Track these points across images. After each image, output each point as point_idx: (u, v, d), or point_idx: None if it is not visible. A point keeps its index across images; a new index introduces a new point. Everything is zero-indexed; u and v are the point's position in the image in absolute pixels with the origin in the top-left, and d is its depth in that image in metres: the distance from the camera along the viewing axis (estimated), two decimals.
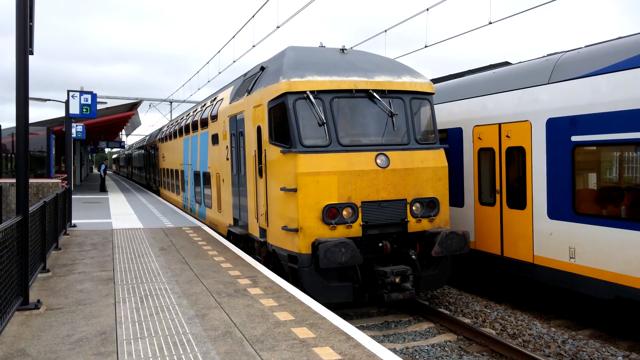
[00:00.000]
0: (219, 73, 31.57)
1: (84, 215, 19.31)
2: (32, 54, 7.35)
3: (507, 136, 11.26)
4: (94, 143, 61.71)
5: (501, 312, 11.03)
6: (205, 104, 18.80)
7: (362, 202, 9.91)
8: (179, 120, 24.45)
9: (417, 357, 8.81)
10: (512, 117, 11.12)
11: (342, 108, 10.32)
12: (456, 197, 12.71)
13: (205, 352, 5.76)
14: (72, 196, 18.26)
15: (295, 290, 8.46)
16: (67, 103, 16.90)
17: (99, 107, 26.96)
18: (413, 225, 10.32)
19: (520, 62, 12.16)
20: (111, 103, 37.79)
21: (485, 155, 11.98)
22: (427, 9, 17.25)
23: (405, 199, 10.24)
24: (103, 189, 34.62)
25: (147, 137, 42.91)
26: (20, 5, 7.11)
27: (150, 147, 36.30)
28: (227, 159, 14.29)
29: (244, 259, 11.02)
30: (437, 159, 10.69)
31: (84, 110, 16.87)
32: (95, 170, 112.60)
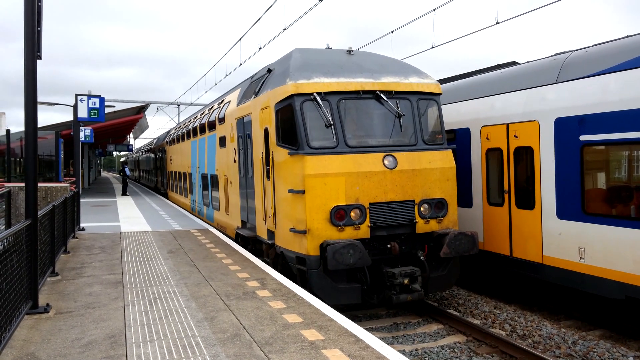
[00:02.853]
0: (226, 76, 31.64)
1: (92, 219, 19.38)
2: (40, 58, 7.39)
3: (515, 136, 11.21)
4: (102, 146, 61.98)
5: (511, 313, 10.97)
6: (212, 107, 18.84)
7: (370, 203, 9.89)
8: (187, 123, 24.51)
9: (426, 358, 8.78)
10: (520, 117, 11.07)
11: (349, 109, 10.30)
12: (464, 198, 12.66)
13: (215, 354, 5.76)
14: (81, 200, 18.34)
15: (304, 292, 8.45)
16: (75, 107, 16.99)
17: (107, 110, 27.07)
18: (421, 226, 10.29)
19: (527, 62, 12.11)
20: (119, 107, 37.96)
21: (493, 155, 11.94)
22: (434, 10, 17.22)
23: (413, 200, 10.21)
24: (125, 192, 34.35)
25: (155, 140, 43.06)
26: (28, 10, 7.15)
27: (158, 150, 36.41)
28: (235, 161, 14.31)
29: (252, 261, 11.02)
30: (444, 159, 10.65)
31: (92, 114, 16.96)
32: (103, 174, 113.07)
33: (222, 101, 17.00)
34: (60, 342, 6.22)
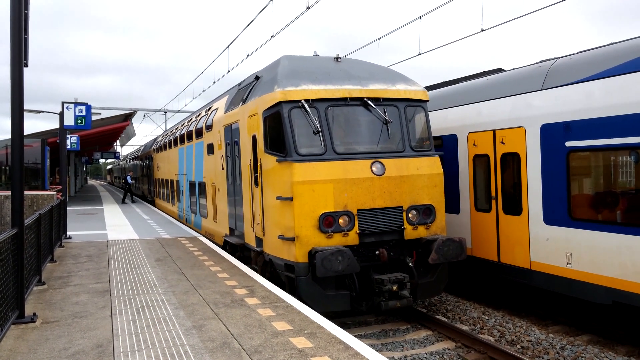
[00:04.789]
0: (214, 83, 31.60)
1: (79, 227, 19.23)
2: (27, 66, 7.36)
3: (502, 142, 11.29)
4: (89, 154, 61.60)
5: (499, 318, 11.02)
6: (200, 114, 18.80)
7: (358, 210, 9.91)
8: (174, 131, 24.43)
9: None
10: (507, 124, 11.16)
11: (337, 116, 10.33)
12: (452, 204, 12.72)
13: None
14: (67, 208, 18.20)
15: (293, 299, 8.43)
16: (61, 114, 16.88)
17: (93, 118, 26.92)
18: (409, 233, 10.31)
19: (513, 69, 12.22)
20: (105, 114, 37.77)
21: (480, 161, 12.01)
22: (420, 17, 17.33)
23: (402, 207, 10.24)
24: (126, 200, 34.22)
25: (142, 148, 42.85)
26: (15, 18, 7.11)
27: (145, 158, 36.25)
28: (223, 169, 14.27)
29: (240, 269, 10.98)
30: (432, 165, 10.70)
31: (78, 121, 16.86)
32: (90, 182, 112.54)
33: (210, 108, 16.97)
34: (47, 352, 6.16)
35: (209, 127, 15.88)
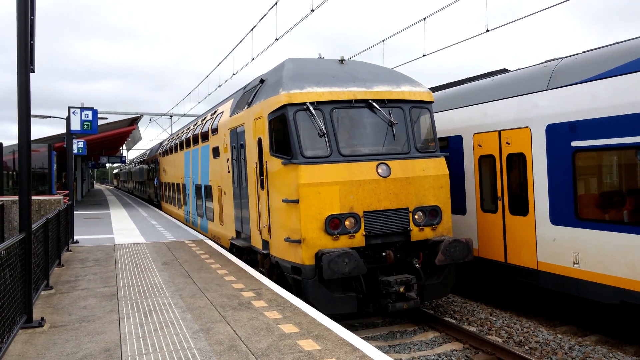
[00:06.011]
0: (219, 86, 31.70)
1: (86, 231, 19.30)
2: (34, 71, 7.40)
3: (507, 143, 11.27)
4: (95, 158, 61.83)
5: (507, 319, 10.98)
6: (205, 117, 18.85)
7: (364, 211, 9.91)
8: (180, 134, 24.50)
9: None
10: (512, 124, 11.14)
11: (342, 118, 10.34)
12: (458, 205, 12.70)
13: None
14: (74, 212, 18.27)
15: (300, 302, 8.43)
16: (68, 119, 16.95)
17: (100, 122, 27.02)
18: (416, 234, 10.30)
19: (518, 69, 12.19)
20: (111, 118, 37.93)
21: (486, 162, 11.99)
22: (425, 19, 17.32)
23: (408, 208, 10.23)
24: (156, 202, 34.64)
25: (148, 152, 42.98)
26: (21, 23, 7.16)
27: (151, 162, 36.36)
28: (229, 172, 14.30)
29: (247, 272, 11.00)
30: (438, 167, 10.69)
31: (85, 126, 16.93)
32: (96, 186, 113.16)
33: (215, 112, 17.01)
34: (55, 357, 6.18)
35: (215, 131, 15.91)
